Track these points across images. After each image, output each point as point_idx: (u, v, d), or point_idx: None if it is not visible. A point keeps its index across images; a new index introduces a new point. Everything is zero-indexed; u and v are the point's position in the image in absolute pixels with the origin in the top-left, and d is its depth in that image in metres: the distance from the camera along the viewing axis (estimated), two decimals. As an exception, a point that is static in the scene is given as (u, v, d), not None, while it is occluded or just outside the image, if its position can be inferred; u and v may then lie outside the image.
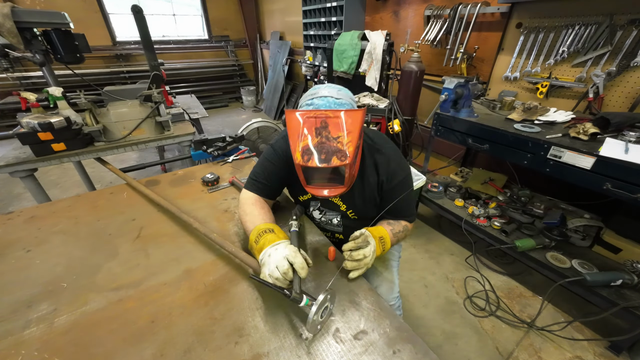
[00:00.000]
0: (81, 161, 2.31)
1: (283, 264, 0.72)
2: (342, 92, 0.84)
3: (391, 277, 1.09)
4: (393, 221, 0.99)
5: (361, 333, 0.69)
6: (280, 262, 0.72)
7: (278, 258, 0.73)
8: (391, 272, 1.11)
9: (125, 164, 3.65)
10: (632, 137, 1.36)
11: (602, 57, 1.76)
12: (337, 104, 0.80)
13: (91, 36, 2.35)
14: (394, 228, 0.96)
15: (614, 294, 1.45)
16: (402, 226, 0.99)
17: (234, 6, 6.20)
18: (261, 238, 0.80)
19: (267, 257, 0.75)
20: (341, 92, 0.84)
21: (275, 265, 0.72)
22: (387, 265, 1.12)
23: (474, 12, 2.24)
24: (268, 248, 0.77)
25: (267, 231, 0.82)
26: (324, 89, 0.83)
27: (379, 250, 0.87)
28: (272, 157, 1.00)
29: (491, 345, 1.55)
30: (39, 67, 1.90)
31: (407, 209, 1.00)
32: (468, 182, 2.41)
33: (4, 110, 4.38)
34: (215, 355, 0.64)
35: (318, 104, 0.80)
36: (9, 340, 0.67)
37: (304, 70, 4.15)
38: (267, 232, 0.82)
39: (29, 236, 1.02)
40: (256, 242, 0.81)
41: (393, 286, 1.07)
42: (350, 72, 2.78)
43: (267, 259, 0.75)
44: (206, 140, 1.78)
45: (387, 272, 1.09)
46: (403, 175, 0.95)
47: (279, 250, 0.75)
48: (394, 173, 0.93)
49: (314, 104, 0.80)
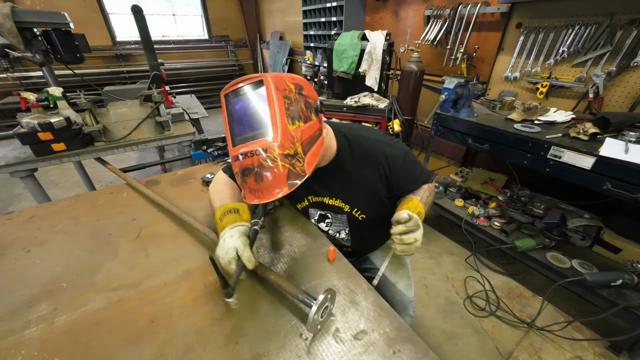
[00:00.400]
0: (81, 161, 2.31)
1: (231, 253, 0.73)
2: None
3: (408, 273, 1.08)
4: (416, 191, 0.95)
5: (361, 333, 0.69)
6: (230, 252, 0.74)
7: (229, 247, 0.74)
8: (407, 269, 1.10)
9: (125, 164, 3.65)
10: (632, 137, 1.35)
11: (602, 57, 1.76)
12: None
13: (91, 36, 2.34)
14: (422, 197, 0.91)
15: (614, 294, 1.45)
16: (427, 191, 0.95)
17: (234, 6, 6.20)
18: (225, 217, 0.81)
19: (222, 240, 0.77)
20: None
21: (225, 251, 0.74)
22: (402, 262, 1.11)
23: (474, 12, 2.24)
24: (228, 229, 0.78)
25: (232, 211, 0.83)
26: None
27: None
28: None
29: (491, 345, 1.55)
30: (39, 67, 1.90)
31: (421, 175, 0.96)
32: (468, 182, 2.41)
33: (4, 110, 4.37)
34: (215, 355, 0.64)
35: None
36: (9, 340, 0.67)
37: (304, 70, 4.14)
38: (232, 211, 0.83)
39: (29, 236, 1.01)
40: (220, 219, 0.82)
41: (411, 282, 1.06)
42: (350, 72, 2.77)
43: (222, 242, 0.76)
44: (206, 140, 1.78)
45: (403, 268, 1.09)
46: (402, 153, 0.92)
47: (234, 238, 0.75)
48: (392, 157, 0.90)
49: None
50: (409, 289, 1.04)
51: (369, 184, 0.94)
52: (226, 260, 0.73)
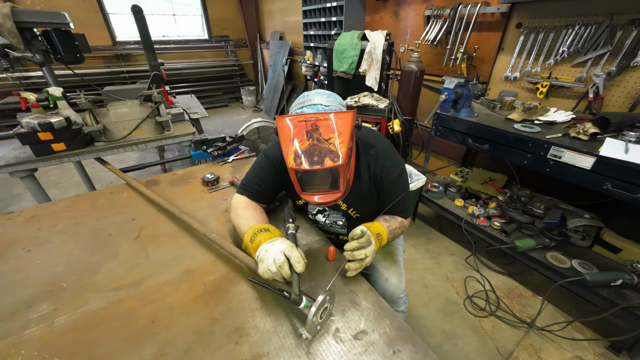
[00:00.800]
0: (81, 161, 2.31)
1: (280, 257, 0.73)
2: (331, 99, 0.84)
3: (400, 270, 1.10)
4: (389, 217, 1.00)
5: (361, 333, 0.69)
6: (278, 256, 0.73)
7: (275, 252, 0.74)
8: (399, 266, 1.12)
9: (125, 164, 3.65)
10: (632, 137, 1.35)
11: (602, 57, 1.76)
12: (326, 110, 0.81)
13: (91, 36, 2.35)
14: (390, 225, 0.97)
15: (614, 294, 1.45)
16: (398, 222, 1.00)
17: (234, 6, 6.20)
18: (257, 236, 0.81)
19: (264, 252, 0.76)
20: (330, 98, 0.84)
21: (273, 259, 0.73)
22: (395, 260, 1.13)
23: (474, 12, 2.24)
24: (265, 244, 0.77)
25: (262, 230, 0.83)
26: (314, 96, 0.84)
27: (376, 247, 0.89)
28: (264, 164, 1.00)
29: (491, 345, 1.55)
30: (39, 67, 1.90)
31: (402, 206, 1.01)
32: (468, 182, 2.41)
33: (4, 110, 4.38)
34: (215, 355, 0.64)
35: (308, 111, 0.81)
36: (9, 340, 0.67)
37: (304, 70, 4.15)
38: (263, 231, 0.83)
39: (29, 236, 1.02)
40: (251, 240, 0.81)
41: (402, 279, 1.08)
42: (350, 72, 2.78)
43: (264, 254, 0.75)
44: (206, 140, 1.78)
45: (395, 265, 1.10)
46: (397, 171, 0.96)
47: (276, 245, 0.76)
48: (388, 169, 0.94)
49: (304, 111, 0.81)
50: (399, 285, 1.07)
51: (364, 187, 0.98)
52: (277, 266, 0.72)
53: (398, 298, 1.06)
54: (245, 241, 0.83)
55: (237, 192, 1.04)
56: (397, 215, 1.02)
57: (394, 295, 1.05)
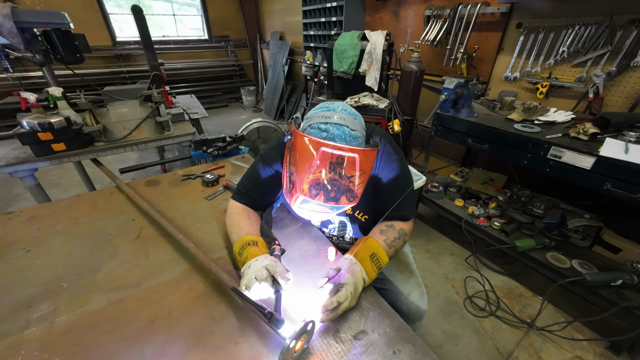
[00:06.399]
0: (81, 161, 2.31)
1: (262, 273, 0.71)
2: (357, 122, 0.76)
3: (419, 280, 1.02)
4: (386, 228, 0.89)
5: (361, 333, 0.69)
6: (260, 272, 0.71)
7: (257, 267, 0.72)
8: (417, 277, 1.04)
9: (125, 164, 3.65)
10: (632, 137, 1.35)
11: (602, 57, 1.76)
12: (352, 136, 0.72)
13: (91, 36, 2.35)
14: (387, 237, 0.85)
15: (614, 294, 1.45)
16: (397, 232, 0.88)
17: (234, 6, 6.20)
18: (244, 250, 0.80)
19: (247, 268, 0.74)
20: (356, 120, 0.76)
21: (254, 274, 0.71)
22: (411, 270, 1.05)
23: (474, 12, 2.24)
24: (250, 261, 0.76)
25: (250, 243, 0.81)
26: (339, 112, 0.74)
27: (372, 272, 0.78)
28: (262, 169, 0.95)
29: (491, 345, 1.55)
30: (39, 67, 1.91)
31: (403, 206, 0.89)
32: (468, 182, 2.41)
33: (4, 110, 4.37)
34: (215, 355, 0.64)
35: (334, 133, 0.71)
36: (9, 340, 0.67)
37: (304, 70, 4.14)
38: (251, 244, 0.81)
39: (29, 236, 1.02)
40: (240, 254, 0.80)
41: (423, 289, 1.00)
42: (350, 72, 2.77)
43: (247, 270, 0.73)
44: (206, 140, 1.78)
45: (413, 277, 1.03)
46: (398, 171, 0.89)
47: (259, 261, 0.74)
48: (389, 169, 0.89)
49: (329, 131, 0.71)
50: (422, 298, 0.98)
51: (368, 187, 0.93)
52: (259, 280, 0.69)
53: (423, 312, 0.97)
54: (234, 252, 0.83)
55: (233, 197, 1.00)
56: (396, 220, 0.91)
57: (420, 310, 0.95)
